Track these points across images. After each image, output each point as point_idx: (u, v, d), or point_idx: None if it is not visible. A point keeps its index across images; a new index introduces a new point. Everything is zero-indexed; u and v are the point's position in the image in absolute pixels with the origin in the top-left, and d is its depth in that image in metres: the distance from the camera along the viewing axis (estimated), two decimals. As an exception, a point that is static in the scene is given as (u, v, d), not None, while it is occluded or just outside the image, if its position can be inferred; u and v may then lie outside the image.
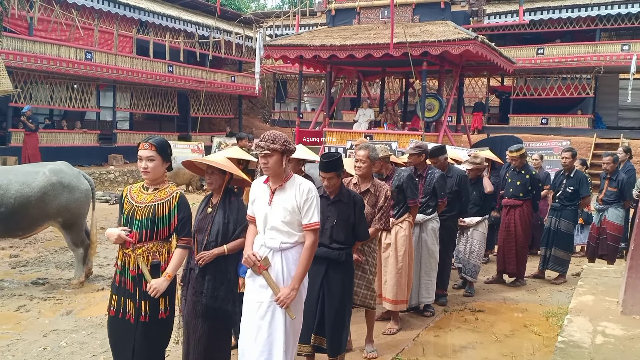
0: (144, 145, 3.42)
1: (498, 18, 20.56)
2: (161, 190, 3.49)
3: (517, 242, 7.22)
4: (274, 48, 14.47)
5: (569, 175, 7.44)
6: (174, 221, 3.45)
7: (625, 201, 7.63)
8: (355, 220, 4.06)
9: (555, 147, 13.25)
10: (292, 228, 3.40)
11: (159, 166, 3.44)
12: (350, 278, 4.15)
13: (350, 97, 23.01)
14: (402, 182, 5.20)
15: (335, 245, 4.02)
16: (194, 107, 22.07)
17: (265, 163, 3.35)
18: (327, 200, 4.06)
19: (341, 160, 4.01)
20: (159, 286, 3.33)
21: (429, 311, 5.90)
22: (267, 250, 3.42)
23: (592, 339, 3.49)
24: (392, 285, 5.18)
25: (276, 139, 3.34)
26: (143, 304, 3.38)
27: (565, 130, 19.34)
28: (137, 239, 3.40)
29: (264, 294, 3.40)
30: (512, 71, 16.72)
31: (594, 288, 4.84)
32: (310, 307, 3.87)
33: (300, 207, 3.37)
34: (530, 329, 5.60)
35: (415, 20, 13.94)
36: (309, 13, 23.51)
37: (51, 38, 17.10)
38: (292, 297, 3.30)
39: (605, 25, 20.04)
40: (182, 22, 21.15)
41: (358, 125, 15.08)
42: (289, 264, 3.41)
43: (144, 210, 3.42)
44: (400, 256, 5.18)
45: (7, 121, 16.48)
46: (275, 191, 3.42)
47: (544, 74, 20.83)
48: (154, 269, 3.39)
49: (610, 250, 7.62)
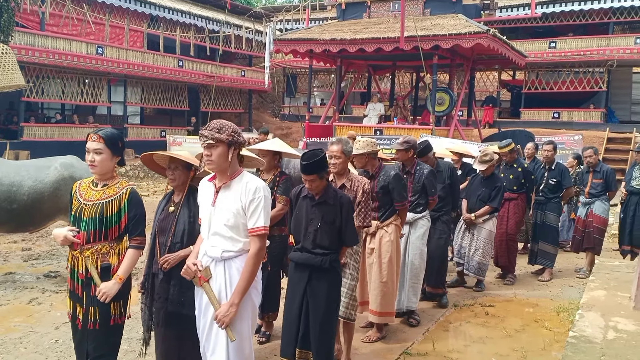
0: (92, 137, 3.16)
1: (510, 11, 20.38)
2: (110, 187, 3.23)
3: (508, 234, 7.19)
4: (284, 42, 14.47)
5: (550, 167, 7.44)
6: (124, 220, 3.20)
7: (610, 192, 7.65)
8: (342, 224, 3.66)
9: (567, 142, 13.16)
10: (236, 233, 2.99)
11: (107, 160, 3.17)
12: (336, 286, 3.77)
13: (360, 92, 22.97)
14: (388, 182, 4.71)
15: (318, 251, 3.63)
16: (204, 102, 22.13)
17: (208, 155, 2.94)
18: (311, 201, 3.69)
19: (324, 160, 3.64)
20: (108, 290, 3.07)
21: (414, 318, 5.44)
22: (208, 259, 3.04)
23: (604, 335, 3.46)
24: (377, 296, 4.77)
25: (223, 128, 2.95)
26: (91, 309, 3.13)
27: (578, 125, 19.17)
28: (85, 239, 3.15)
29: (209, 311, 3.02)
30: (524, 65, 16.59)
31: (606, 283, 4.81)
32: (292, 318, 3.64)
33: (246, 208, 2.96)
34: (541, 324, 5.56)
35: (426, 13, 13.88)
36: (319, 7, 23.44)
37: (63, 33, 17.21)
38: (231, 314, 2.89)
39: (619, 18, 19.78)
40: (192, 16, 21.18)
41: (368, 119, 15.05)
42: (232, 276, 2.99)
43: (91, 209, 3.16)
44: (384, 263, 4.75)
45: (20, 115, 16.63)
46: (220, 190, 3.04)
47: (556, 68, 20.63)
48: (104, 271, 3.14)
49: (597, 243, 7.60)
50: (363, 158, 4.74)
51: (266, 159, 4.54)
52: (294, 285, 3.70)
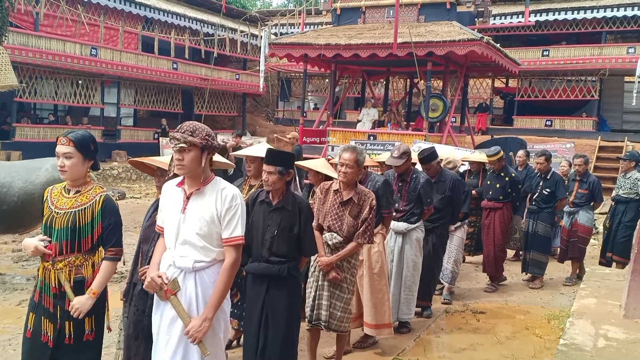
0: (62, 140, 2.98)
1: (503, 19, 20.50)
2: (83, 194, 3.03)
3: (496, 244, 7.14)
4: (279, 46, 14.48)
5: (545, 177, 7.36)
6: (97, 229, 2.99)
7: (595, 203, 7.64)
8: (300, 231, 3.50)
9: (559, 149, 13.25)
10: (209, 242, 2.81)
11: (78, 165, 2.98)
12: (296, 296, 3.61)
13: (354, 97, 23.01)
14: (377, 189, 4.60)
15: (274, 259, 3.47)
16: (198, 105, 22.10)
17: (179, 160, 2.75)
18: (268, 207, 3.52)
19: (290, 158, 3.50)
20: (81, 306, 2.89)
21: (406, 327, 5.39)
22: (176, 270, 2.83)
23: (594, 343, 3.47)
24: (371, 308, 4.66)
25: (196, 130, 2.77)
26: (67, 324, 2.95)
27: (570, 133, 19.28)
28: (57, 251, 2.95)
29: (174, 326, 2.82)
30: (517, 72, 16.68)
31: (597, 291, 4.82)
32: (252, 332, 3.49)
33: (221, 216, 2.79)
34: (532, 331, 5.59)
35: (421, 20, 13.93)
36: (314, 12, 23.47)
37: (57, 34, 17.15)
38: (205, 329, 2.71)
39: (611, 28, 19.95)
40: (187, 19, 21.16)
41: (362, 124, 15.07)
42: (205, 288, 2.81)
43: (63, 218, 2.96)
44: (375, 274, 4.67)
45: (12, 116, 16.55)
46: (191, 196, 2.83)
47: (549, 76, 20.76)
48: (77, 285, 2.96)
49: (580, 253, 7.64)
50: None
51: (254, 164, 4.48)
52: (252, 297, 3.52)
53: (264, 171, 3.45)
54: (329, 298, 4.06)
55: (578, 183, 7.64)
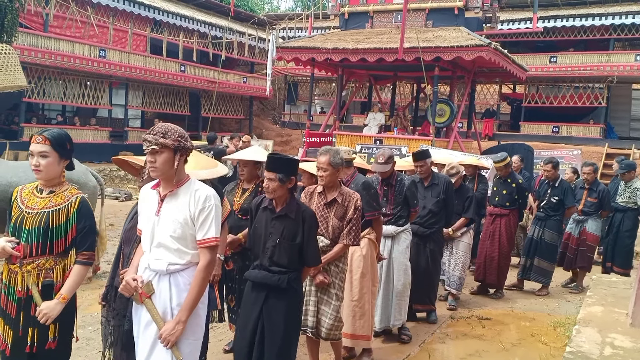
0: (37, 139, 2.88)
1: (511, 25, 20.49)
2: (58, 194, 2.93)
3: (501, 252, 7.01)
4: (286, 50, 14.51)
5: (553, 184, 7.27)
6: (71, 232, 2.90)
7: (603, 211, 7.57)
8: (303, 241, 3.36)
9: (566, 156, 13.22)
10: (183, 245, 2.76)
11: (53, 164, 2.89)
12: (295, 308, 3.47)
13: (360, 101, 23.02)
14: (357, 191, 4.39)
15: (275, 269, 3.35)
16: (205, 107, 22.17)
17: (152, 162, 2.72)
18: (271, 214, 3.40)
19: (291, 164, 3.37)
20: (50, 311, 2.77)
21: (406, 334, 5.20)
22: (151, 273, 2.79)
23: (601, 351, 3.46)
24: (347, 316, 4.41)
25: (168, 132, 2.72)
26: (30, 331, 2.81)
27: (577, 140, 19.23)
28: (26, 252, 2.84)
29: (149, 330, 2.77)
30: (525, 79, 16.66)
31: (603, 299, 4.81)
32: (244, 343, 3.35)
33: (195, 218, 2.74)
34: (538, 338, 5.56)
35: (429, 25, 13.94)
36: (322, 16, 23.55)
37: (66, 35, 17.26)
38: (177, 332, 2.67)
39: (620, 35, 19.91)
40: (195, 22, 21.25)
41: (368, 129, 15.09)
42: (179, 291, 2.76)
43: (35, 218, 2.85)
44: (355, 280, 4.43)
45: (20, 116, 16.65)
46: (165, 198, 2.79)
47: (557, 83, 20.73)
48: (45, 290, 2.84)
49: (589, 261, 7.58)
50: None
51: (247, 168, 4.45)
52: (249, 306, 3.39)
53: (265, 178, 3.37)
54: (316, 304, 3.95)
55: (587, 191, 7.57)
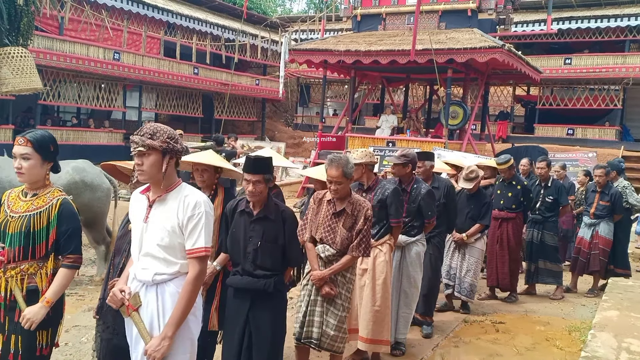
0: (19, 140, 2.78)
1: (525, 27, 20.35)
2: (40, 197, 2.84)
3: (511, 256, 6.90)
4: (299, 52, 14.55)
5: (546, 185, 7.21)
6: (52, 235, 2.80)
7: (616, 215, 7.48)
8: (285, 241, 3.32)
9: (580, 159, 13.08)
10: (171, 254, 2.59)
11: (36, 167, 2.79)
12: (282, 312, 3.40)
13: (373, 103, 23.00)
14: (387, 197, 4.34)
15: (259, 273, 3.26)
16: (218, 109, 22.27)
17: (139, 165, 2.56)
18: (249, 217, 3.31)
19: (270, 161, 3.30)
20: (33, 316, 2.69)
21: (400, 349, 4.89)
22: (139, 284, 2.63)
23: (617, 356, 3.41)
24: (368, 321, 4.32)
25: (157, 133, 2.56)
26: (13, 338, 2.73)
27: (592, 142, 19.04)
28: (9, 257, 2.77)
29: (140, 345, 2.62)
30: (539, 80, 16.55)
31: (619, 303, 4.75)
32: (232, 352, 3.28)
33: (183, 226, 2.56)
34: (552, 342, 5.50)
35: (442, 27, 13.91)
36: (335, 18, 23.51)
37: (81, 38, 17.42)
38: (163, 349, 2.49)
39: (635, 37, 19.67)
40: (209, 24, 21.36)
41: (381, 131, 15.07)
42: (165, 302, 2.59)
43: (17, 222, 2.78)
44: (378, 285, 4.34)
45: (35, 118, 16.84)
46: (154, 204, 2.63)
47: (571, 84, 20.54)
48: (30, 295, 2.77)
49: (602, 265, 7.46)
50: (359, 169, 4.32)
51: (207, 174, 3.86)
52: (234, 313, 3.29)
53: (248, 181, 3.20)
54: (321, 315, 3.80)
55: (599, 195, 7.48)
